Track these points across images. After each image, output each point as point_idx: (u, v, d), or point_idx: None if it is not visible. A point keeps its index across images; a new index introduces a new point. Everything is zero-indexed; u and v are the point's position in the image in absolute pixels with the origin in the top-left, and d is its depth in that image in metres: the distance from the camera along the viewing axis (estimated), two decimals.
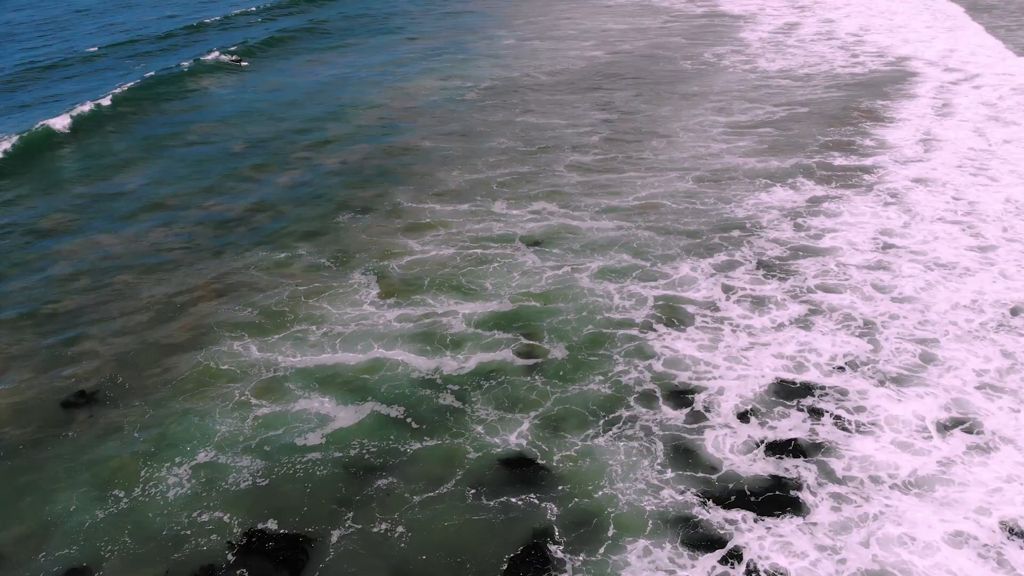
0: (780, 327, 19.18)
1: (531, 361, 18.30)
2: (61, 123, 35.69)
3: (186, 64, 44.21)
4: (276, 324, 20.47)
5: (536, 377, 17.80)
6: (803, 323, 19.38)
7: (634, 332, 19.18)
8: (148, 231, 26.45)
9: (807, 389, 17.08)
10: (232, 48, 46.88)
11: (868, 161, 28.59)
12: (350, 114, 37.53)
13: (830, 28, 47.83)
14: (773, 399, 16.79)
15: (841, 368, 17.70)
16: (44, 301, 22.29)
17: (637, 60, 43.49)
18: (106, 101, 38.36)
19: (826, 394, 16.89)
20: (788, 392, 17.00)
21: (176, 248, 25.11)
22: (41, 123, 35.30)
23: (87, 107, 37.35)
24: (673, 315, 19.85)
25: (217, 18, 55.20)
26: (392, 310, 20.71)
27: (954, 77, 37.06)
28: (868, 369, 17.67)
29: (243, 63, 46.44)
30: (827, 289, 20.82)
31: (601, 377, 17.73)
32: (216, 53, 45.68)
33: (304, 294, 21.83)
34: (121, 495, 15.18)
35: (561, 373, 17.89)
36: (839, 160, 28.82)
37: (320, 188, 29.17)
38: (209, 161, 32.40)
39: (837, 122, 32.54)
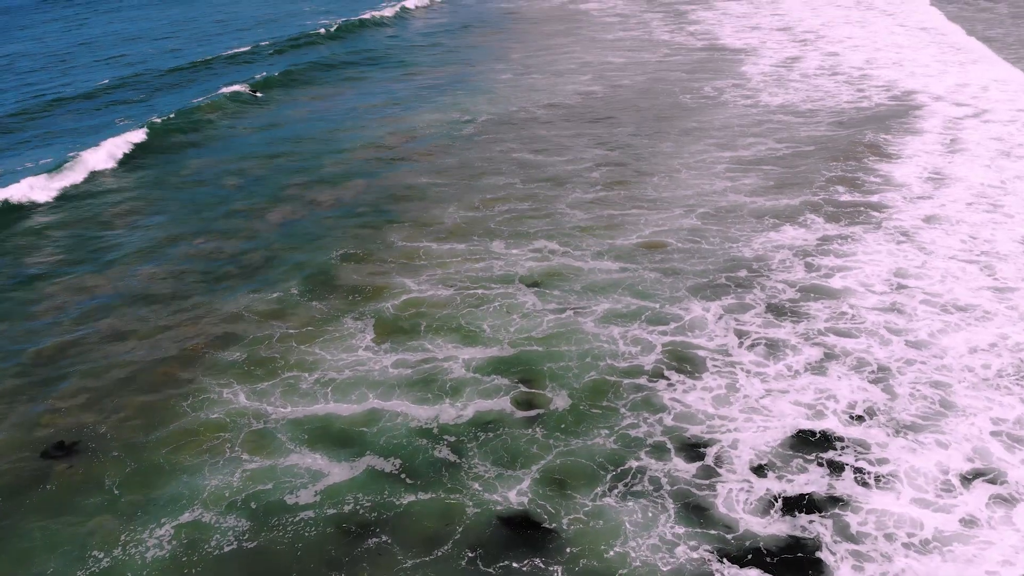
0: (795, 374, 18.55)
1: (532, 412, 17.62)
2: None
3: (198, 100, 43.83)
4: (266, 370, 19.82)
5: (537, 429, 17.13)
6: (818, 369, 18.76)
7: (642, 381, 18.53)
8: (136, 272, 25.83)
9: (824, 440, 16.42)
10: (244, 83, 46.44)
11: (876, 198, 28.09)
12: (346, 149, 37.06)
13: (833, 62, 47.52)
14: (789, 452, 16.13)
15: (859, 417, 17.06)
16: (26, 345, 21.63)
17: (637, 94, 43.13)
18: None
19: (845, 446, 16.24)
20: (805, 444, 16.34)
21: (164, 290, 24.48)
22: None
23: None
24: (682, 362, 19.21)
25: (211, 57, 54.69)
26: (387, 355, 20.06)
27: (963, 112, 36.67)
28: (885, 418, 17.04)
29: (258, 94, 46.28)
30: (840, 333, 20.21)
31: (607, 429, 17.08)
32: (235, 87, 45.11)
33: (296, 338, 21.19)
34: (101, 556, 14.47)
35: (563, 425, 17.23)
36: (846, 197, 28.33)
37: (313, 226, 28.61)
38: (201, 198, 31.85)
39: (843, 158, 32.07)
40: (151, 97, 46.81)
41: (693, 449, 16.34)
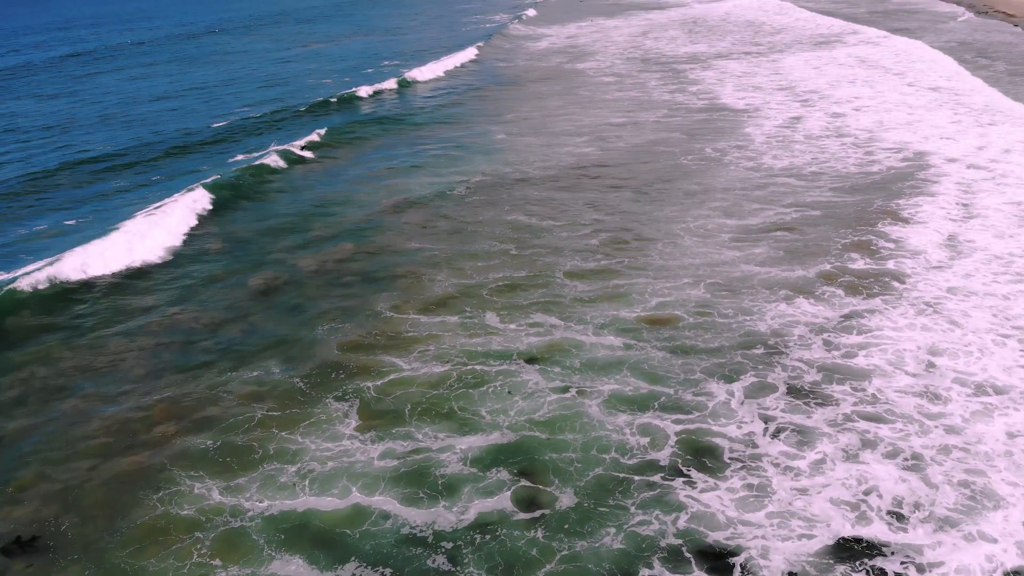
0: (828, 468, 17.28)
1: (536, 513, 16.27)
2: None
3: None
4: (242, 460, 18.50)
5: (540, 530, 15.79)
6: (851, 459, 17.56)
7: (655, 478, 17.22)
8: (105, 345, 24.60)
9: (867, 545, 15.08)
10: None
11: (894, 267, 27.15)
12: (333, 210, 36.13)
13: (840, 123, 46.99)
14: (828, 560, 14.77)
15: (899, 515, 15.75)
16: None
17: (635, 156, 42.47)
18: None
19: (891, 551, 14.91)
20: (846, 551, 15.00)
21: (135, 366, 23.25)
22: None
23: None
24: (700, 454, 17.94)
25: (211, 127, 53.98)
26: (374, 444, 18.76)
27: (979, 175, 35.89)
28: (927, 513, 15.76)
29: (305, 153, 45.73)
30: (870, 418, 19.03)
31: (615, 529, 15.74)
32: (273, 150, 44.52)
33: (275, 422, 19.92)
34: None
35: (567, 525, 15.90)
36: (863, 267, 27.36)
37: (296, 294, 27.50)
38: (178, 263, 30.70)
39: (855, 224, 31.18)
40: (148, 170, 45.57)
41: (716, 559, 14.98)
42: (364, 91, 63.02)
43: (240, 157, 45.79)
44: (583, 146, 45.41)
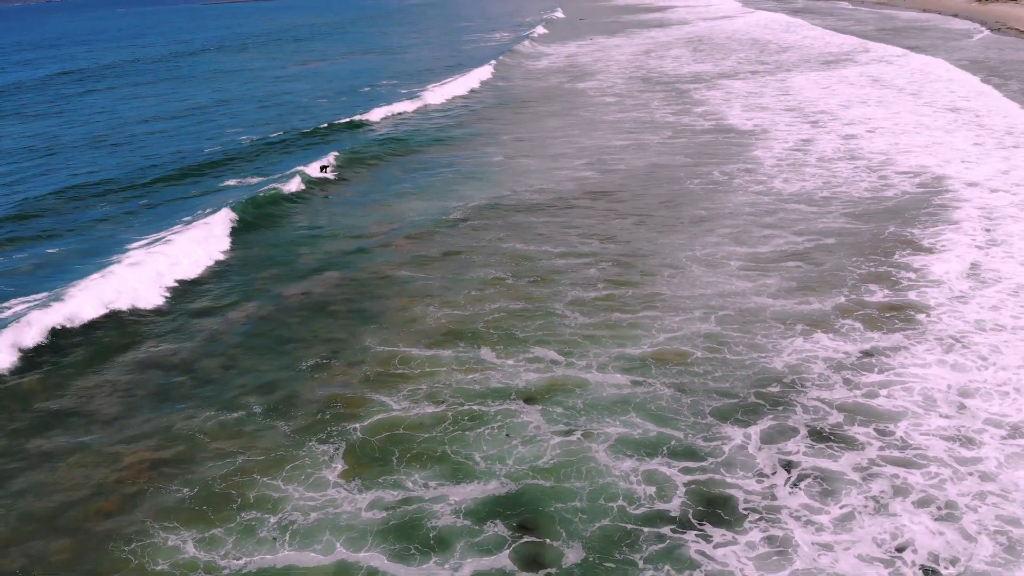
0: (855, 521, 16.39)
1: (539, 573, 15.35)
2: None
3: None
4: (219, 510, 17.61)
5: None
6: (880, 511, 16.65)
7: (665, 530, 16.33)
8: (74, 381, 23.77)
9: None
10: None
11: (916, 299, 26.39)
12: (319, 236, 35.42)
13: (853, 146, 46.39)
14: None
15: (933, 571, 14.91)
16: None
17: (638, 180, 41.84)
18: None
19: None
20: None
21: (106, 406, 22.38)
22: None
23: None
24: (714, 504, 17.06)
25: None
26: (361, 493, 17.88)
27: (1003, 201, 35.21)
28: (962, 569, 14.96)
29: (330, 175, 45.36)
30: (898, 463, 18.21)
31: None
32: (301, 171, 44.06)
33: (256, 467, 19.06)
34: None
35: None
36: (882, 298, 26.62)
37: (279, 327, 26.72)
38: None
39: (871, 252, 30.48)
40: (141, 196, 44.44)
41: None
42: (359, 116, 62.05)
43: (232, 182, 45.13)
44: (583, 169, 44.78)
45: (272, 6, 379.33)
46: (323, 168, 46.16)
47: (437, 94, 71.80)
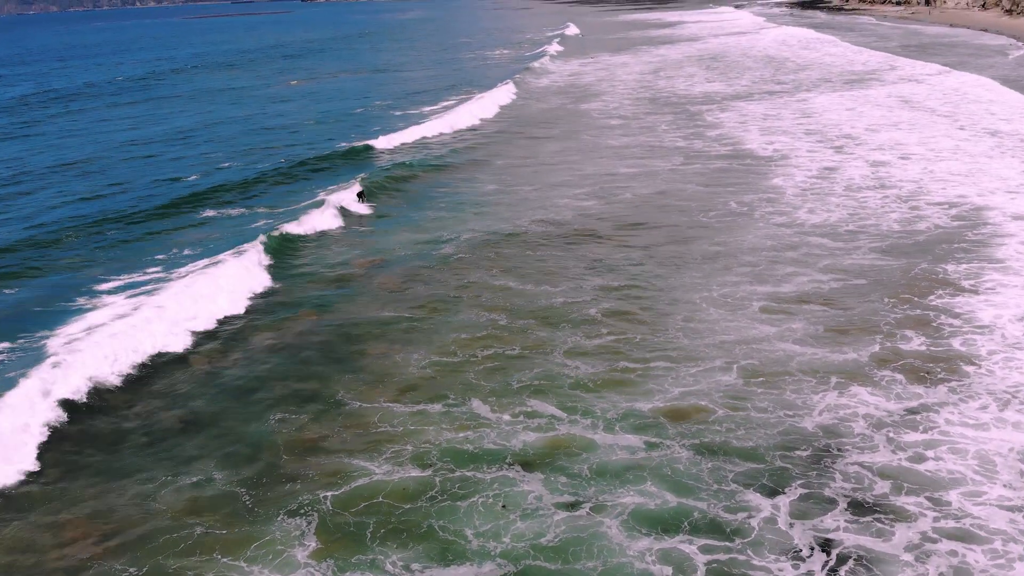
0: None
1: None
2: None
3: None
4: None
5: None
6: None
7: None
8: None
9: None
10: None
11: (962, 348, 25.01)
12: (299, 273, 34.04)
13: (882, 173, 45.18)
14: None
15: None
16: None
17: (646, 211, 40.66)
18: None
19: None
20: None
21: (49, 466, 20.98)
22: None
23: None
24: None
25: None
26: None
27: None
28: None
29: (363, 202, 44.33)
30: (955, 537, 16.80)
31: None
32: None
33: (216, 544, 17.70)
34: None
35: None
36: (922, 346, 25.26)
37: (245, 376, 25.38)
38: None
39: (906, 293, 29.19)
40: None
41: None
42: (347, 144, 60.38)
43: (211, 212, 43.73)
44: (585, 199, 43.58)
45: (259, 20, 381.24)
46: (360, 196, 45.03)
47: (435, 120, 69.48)
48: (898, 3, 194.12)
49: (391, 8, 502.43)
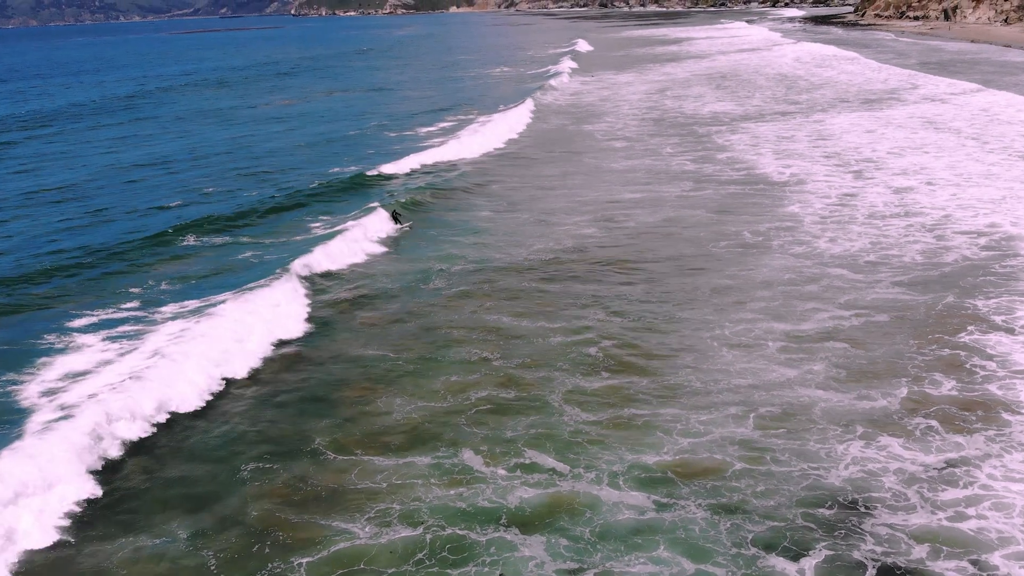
0: None
1: None
2: None
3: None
4: None
5: None
6: None
7: None
8: None
9: None
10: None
11: (999, 393, 24.11)
12: None
13: (907, 200, 44.42)
14: None
15: None
16: None
17: (651, 241, 39.81)
18: None
19: None
20: None
21: None
22: None
23: None
24: None
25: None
26: None
27: None
28: None
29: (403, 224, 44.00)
30: None
31: None
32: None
33: None
34: None
35: None
36: (952, 391, 24.30)
37: (213, 425, 24.35)
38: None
39: (933, 331, 28.27)
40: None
41: None
42: (337, 169, 59.31)
43: (191, 241, 42.52)
44: (586, 226, 42.78)
45: (250, 36, 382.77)
46: (396, 216, 44.70)
47: (437, 148, 67.21)
48: (915, 18, 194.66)
49: (384, 24, 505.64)
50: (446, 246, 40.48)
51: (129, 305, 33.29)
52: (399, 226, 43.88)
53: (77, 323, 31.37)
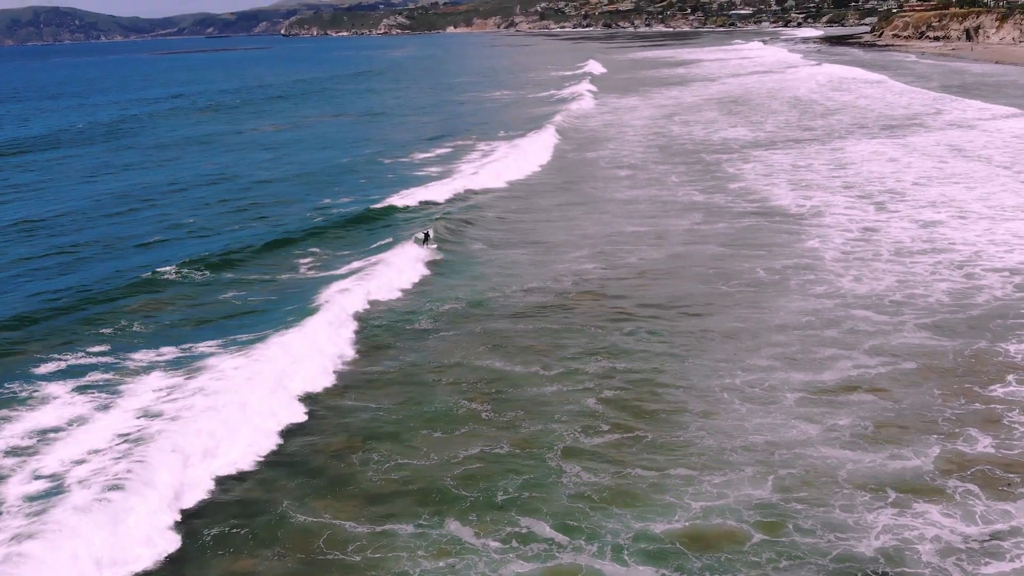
0: None
1: None
2: None
3: None
4: None
5: None
6: None
7: None
8: None
9: None
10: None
11: None
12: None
13: (934, 235, 43.61)
14: None
15: None
16: None
17: (656, 279, 38.92)
18: None
19: None
20: None
21: None
22: None
23: None
24: None
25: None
26: None
27: None
28: None
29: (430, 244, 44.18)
30: None
31: None
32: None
33: None
34: None
35: None
36: (992, 448, 23.22)
37: None
38: None
39: (965, 381, 27.21)
40: None
41: None
42: (328, 201, 58.24)
43: (170, 270, 41.42)
44: (584, 262, 41.95)
45: (237, 57, 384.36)
46: (425, 238, 44.67)
47: (439, 181, 66.07)
48: (936, 39, 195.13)
49: (379, 44, 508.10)
50: (433, 282, 39.74)
51: (101, 354, 31.68)
52: (427, 247, 44.05)
53: (42, 370, 30.03)
